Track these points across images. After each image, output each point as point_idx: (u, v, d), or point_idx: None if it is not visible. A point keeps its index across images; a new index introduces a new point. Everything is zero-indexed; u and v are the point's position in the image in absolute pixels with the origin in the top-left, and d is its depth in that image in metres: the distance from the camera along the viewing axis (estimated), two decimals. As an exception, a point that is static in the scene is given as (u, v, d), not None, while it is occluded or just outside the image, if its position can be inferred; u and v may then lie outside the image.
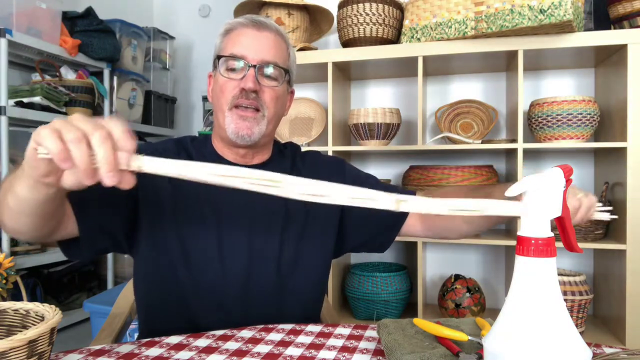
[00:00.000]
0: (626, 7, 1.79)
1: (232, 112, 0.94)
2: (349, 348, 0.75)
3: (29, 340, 0.51)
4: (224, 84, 0.95)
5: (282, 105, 1.01)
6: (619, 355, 0.67)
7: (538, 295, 0.49)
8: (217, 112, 0.98)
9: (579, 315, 1.75)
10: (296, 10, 2.05)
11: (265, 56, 0.94)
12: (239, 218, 0.95)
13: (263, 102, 0.95)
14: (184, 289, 0.91)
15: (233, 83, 0.94)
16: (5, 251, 1.92)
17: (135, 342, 0.78)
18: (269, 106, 0.96)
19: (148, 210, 0.91)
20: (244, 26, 0.97)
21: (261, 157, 1.03)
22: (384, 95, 2.32)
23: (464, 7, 1.79)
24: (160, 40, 3.04)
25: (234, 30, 0.97)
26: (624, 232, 1.72)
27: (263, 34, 0.96)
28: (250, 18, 0.98)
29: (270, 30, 0.97)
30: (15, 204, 0.68)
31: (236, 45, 0.95)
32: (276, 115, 0.99)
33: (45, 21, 2.14)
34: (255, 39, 0.95)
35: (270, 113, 0.96)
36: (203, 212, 0.93)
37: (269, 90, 0.95)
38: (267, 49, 0.95)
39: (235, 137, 0.94)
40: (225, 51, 0.96)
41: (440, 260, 2.25)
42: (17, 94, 2.02)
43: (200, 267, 0.91)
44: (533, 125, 1.87)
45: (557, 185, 0.54)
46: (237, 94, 0.93)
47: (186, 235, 0.91)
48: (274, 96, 0.97)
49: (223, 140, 0.99)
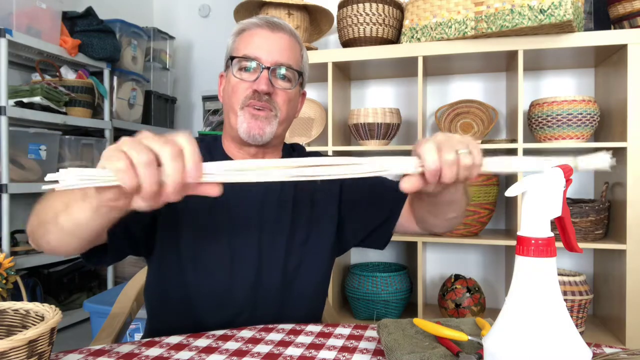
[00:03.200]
0: (626, 7, 1.79)
1: (244, 110, 0.93)
2: (349, 348, 0.75)
3: (29, 340, 0.51)
4: (237, 85, 0.94)
5: (294, 108, 1.01)
6: (619, 355, 0.67)
7: (538, 295, 0.49)
8: (228, 112, 0.97)
9: (579, 315, 1.75)
10: (296, 10, 2.05)
11: (279, 58, 0.93)
12: (249, 224, 0.94)
13: (276, 104, 0.94)
14: (192, 292, 0.92)
15: (246, 84, 0.93)
16: (5, 251, 1.92)
17: (135, 342, 0.78)
18: (282, 108, 0.95)
19: (164, 213, 0.90)
20: (257, 27, 0.95)
21: (271, 157, 1.02)
22: (384, 95, 2.32)
23: (464, 7, 1.79)
24: (160, 40, 3.04)
25: (248, 30, 0.96)
26: (624, 232, 1.72)
27: (277, 35, 0.95)
28: (265, 19, 0.96)
29: (284, 32, 0.96)
30: (71, 227, 0.66)
31: (250, 46, 0.94)
32: (288, 117, 0.98)
33: (45, 21, 2.14)
34: (270, 40, 0.94)
35: (282, 115, 0.96)
36: (215, 217, 0.93)
37: (282, 93, 0.95)
38: (281, 51, 0.94)
39: (247, 137, 0.93)
40: (238, 51, 0.95)
41: (440, 260, 2.25)
42: (17, 94, 2.02)
43: (209, 272, 0.92)
44: (533, 125, 1.87)
45: (557, 185, 0.54)
46: (249, 95, 0.92)
47: (197, 238, 0.92)
48: (287, 99, 0.96)
49: (234, 140, 0.98)
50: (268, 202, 0.97)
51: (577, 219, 1.79)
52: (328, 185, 1.03)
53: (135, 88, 2.72)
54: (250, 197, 0.96)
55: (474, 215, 1.93)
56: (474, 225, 1.95)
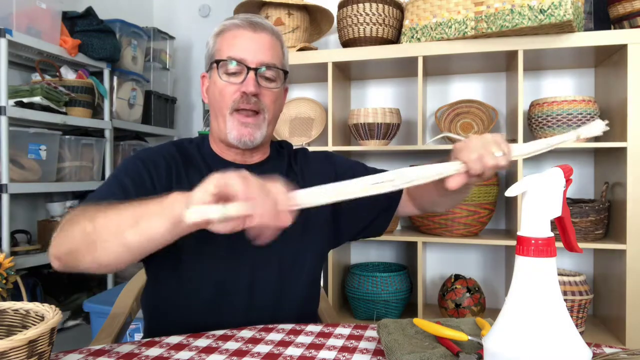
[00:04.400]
0: (626, 7, 1.79)
1: (233, 116, 0.94)
2: (349, 348, 0.75)
3: (29, 340, 0.51)
4: (224, 88, 0.94)
5: (281, 106, 1.02)
6: (619, 355, 0.67)
7: (538, 295, 0.49)
8: (216, 115, 0.97)
9: (579, 315, 1.75)
10: (296, 10, 2.05)
11: (263, 58, 0.94)
12: None
13: (264, 105, 0.95)
14: (189, 292, 0.92)
15: (233, 87, 0.93)
16: (5, 251, 1.92)
17: (135, 342, 0.78)
18: (270, 108, 0.96)
19: None
20: (239, 27, 0.95)
21: (260, 155, 1.03)
22: (384, 95, 2.32)
23: (464, 7, 1.79)
24: (160, 40, 3.04)
25: (229, 31, 0.96)
26: (624, 232, 1.72)
27: (260, 35, 0.95)
28: (245, 19, 0.96)
29: (266, 31, 0.96)
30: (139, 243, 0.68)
31: (233, 48, 0.94)
32: (275, 116, 1.00)
33: (45, 21, 2.13)
34: (253, 40, 0.94)
35: (270, 115, 0.97)
36: None
37: (269, 93, 0.95)
38: (264, 51, 0.94)
39: (238, 143, 0.94)
40: (221, 53, 0.95)
41: (440, 260, 2.25)
42: (17, 94, 2.01)
43: (206, 273, 0.92)
44: (533, 125, 1.87)
45: (557, 185, 0.54)
46: (237, 98, 0.93)
47: (199, 238, 0.91)
48: (274, 98, 0.97)
49: (223, 142, 0.99)
50: None
51: (577, 219, 1.79)
52: (321, 175, 1.04)
53: (135, 88, 2.71)
54: None
55: (474, 215, 1.93)
56: (474, 225, 1.95)
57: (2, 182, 1.90)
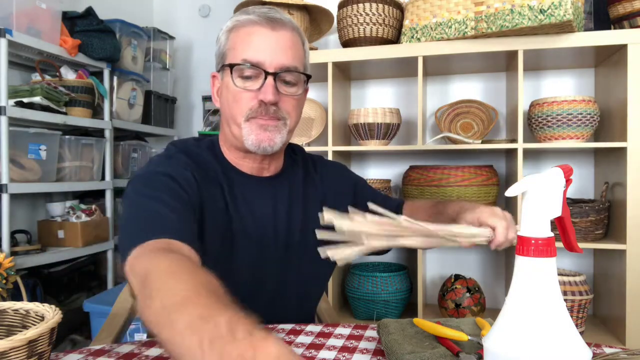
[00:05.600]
0: (626, 7, 1.79)
1: (249, 122, 0.84)
2: (349, 348, 0.75)
3: (29, 340, 0.51)
4: (238, 95, 0.84)
5: (302, 111, 0.93)
6: (619, 355, 0.67)
7: (538, 295, 0.49)
8: (229, 122, 0.87)
9: (579, 315, 1.75)
10: (296, 10, 2.05)
11: (284, 61, 0.83)
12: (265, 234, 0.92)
13: (285, 113, 0.85)
14: None
15: (249, 94, 0.83)
16: (5, 251, 1.92)
17: (135, 342, 0.77)
18: (291, 115, 0.87)
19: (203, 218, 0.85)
20: (254, 24, 0.84)
21: (276, 166, 0.95)
22: (384, 95, 2.32)
23: (464, 7, 1.79)
24: (160, 40, 3.04)
25: (243, 27, 0.84)
26: (624, 232, 1.72)
27: (279, 34, 0.84)
28: (263, 14, 0.84)
29: (286, 28, 0.85)
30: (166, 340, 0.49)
31: (249, 49, 0.83)
32: (296, 123, 0.90)
33: (45, 21, 2.13)
34: (272, 40, 0.83)
35: (292, 122, 0.88)
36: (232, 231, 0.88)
37: (290, 99, 0.86)
38: (284, 52, 0.83)
39: (256, 149, 0.85)
40: (235, 54, 0.84)
41: (440, 260, 2.25)
42: (17, 94, 2.01)
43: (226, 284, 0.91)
44: (533, 125, 1.87)
45: (557, 185, 0.54)
46: (254, 107, 0.83)
47: (211, 236, 0.86)
48: (295, 104, 0.87)
49: (237, 149, 0.90)
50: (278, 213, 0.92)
51: (577, 219, 1.79)
52: (340, 188, 1.02)
53: (135, 88, 2.71)
54: (263, 207, 0.91)
55: (474, 215, 1.92)
56: (474, 225, 1.94)
57: (2, 182, 1.90)
